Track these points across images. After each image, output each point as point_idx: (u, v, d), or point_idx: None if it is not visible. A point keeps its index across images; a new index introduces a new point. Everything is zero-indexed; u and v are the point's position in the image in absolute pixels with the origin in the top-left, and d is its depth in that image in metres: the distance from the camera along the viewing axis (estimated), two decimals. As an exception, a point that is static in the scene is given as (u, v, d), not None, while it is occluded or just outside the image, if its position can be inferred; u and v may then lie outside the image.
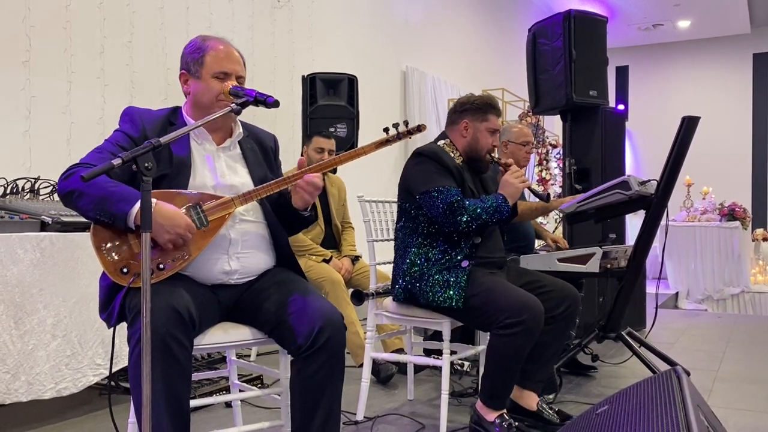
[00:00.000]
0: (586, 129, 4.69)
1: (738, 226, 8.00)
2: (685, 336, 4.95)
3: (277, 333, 1.89)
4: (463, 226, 2.48)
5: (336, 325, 1.82)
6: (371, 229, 2.93)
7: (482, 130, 2.66)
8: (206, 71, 1.94)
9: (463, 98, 2.74)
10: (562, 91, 4.48)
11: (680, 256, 8.20)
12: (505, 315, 2.32)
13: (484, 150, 2.67)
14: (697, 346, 4.56)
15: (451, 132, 2.72)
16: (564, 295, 2.61)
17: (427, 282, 2.51)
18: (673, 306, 7.82)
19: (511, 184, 2.54)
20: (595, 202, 3.10)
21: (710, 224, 8.11)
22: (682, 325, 5.45)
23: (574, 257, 3.09)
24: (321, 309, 1.83)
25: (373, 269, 2.92)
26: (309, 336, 1.78)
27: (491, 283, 2.45)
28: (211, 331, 1.88)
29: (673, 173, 3.13)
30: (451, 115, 2.75)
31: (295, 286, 1.93)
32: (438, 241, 2.57)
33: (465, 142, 2.68)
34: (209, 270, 1.89)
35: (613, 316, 3.35)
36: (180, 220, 1.75)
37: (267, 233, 2.02)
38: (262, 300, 1.92)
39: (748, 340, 4.84)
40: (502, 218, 2.51)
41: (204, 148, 1.98)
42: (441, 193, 2.48)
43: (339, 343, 1.82)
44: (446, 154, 2.62)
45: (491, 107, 2.68)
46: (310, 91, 4.66)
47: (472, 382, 3.28)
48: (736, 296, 7.99)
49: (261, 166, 2.07)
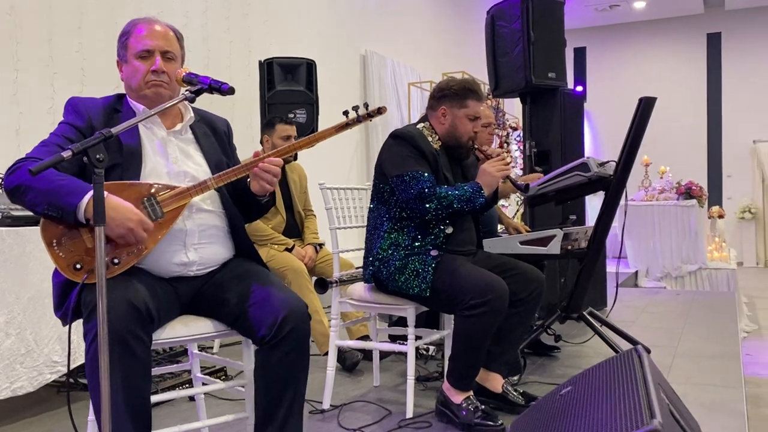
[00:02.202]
0: (545, 111, 4.74)
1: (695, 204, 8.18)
2: (645, 314, 5.07)
3: (239, 324, 1.87)
4: (432, 213, 2.47)
5: (300, 315, 1.81)
6: (333, 216, 2.91)
7: (461, 116, 2.63)
8: (130, 53, 1.92)
9: (441, 83, 2.71)
10: (522, 73, 4.51)
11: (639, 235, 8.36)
12: (470, 296, 2.33)
13: (464, 137, 2.64)
14: (657, 323, 4.67)
15: (431, 117, 2.71)
16: (530, 278, 2.64)
17: (395, 269, 2.51)
18: (633, 284, 7.99)
19: (488, 173, 2.53)
20: (555, 184, 3.13)
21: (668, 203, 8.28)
22: (642, 303, 5.57)
23: (536, 239, 3.12)
24: (284, 299, 1.81)
25: (336, 257, 2.91)
26: (272, 326, 1.76)
27: (455, 265, 2.46)
28: (171, 325, 1.85)
29: (631, 154, 3.18)
30: (430, 100, 2.72)
31: (257, 276, 1.91)
32: (409, 227, 2.57)
33: (444, 129, 2.66)
34: (166, 262, 1.86)
35: (574, 296, 3.41)
36: (131, 214, 1.70)
37: (225, 223, 2.00)
38: (223, 291, 1.90)
39: (706, 315, 4.98)
40: (476, 208, 2.50)
41: (154, 133, 1.94)
42: (413, 179, 2.47)
43: (303, 333, 1.81)
44: (423, 139, 2.60)
45: (470, 92, 2.63)
46: (267, 77, 4.60)
47: (438, 366, 3.30)
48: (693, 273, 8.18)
49: (215, 151, 2.04)
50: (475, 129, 2.66)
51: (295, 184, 3.78)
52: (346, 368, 3.35)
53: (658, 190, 8.59)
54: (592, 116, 12.92)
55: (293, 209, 3.76)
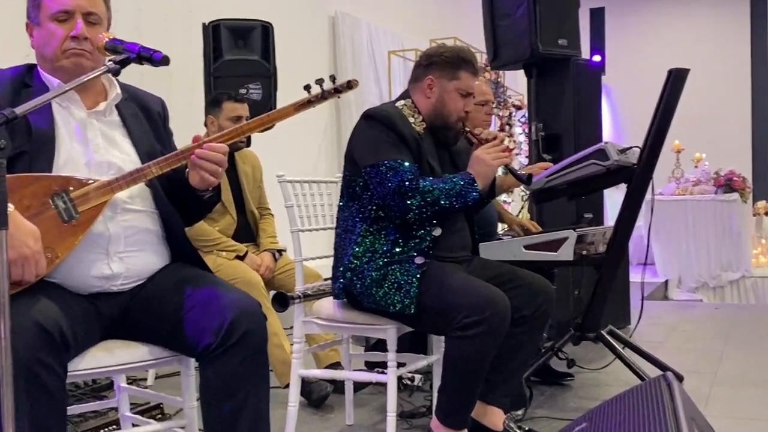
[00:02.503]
0: (555, 86, 4.76)
1: (736, 198, 8.27)
2: (677, 333, 5.11)
3: (176, 338, 1.86)
4: (415, 211, 2.47)
5: (253, 315, 1.82)
6: (296, 216, 2.90)
7: (450, 90, 2.65)
8: (44, 14, 1.90)
9: (431, 49, 2.73)
10: (526, 40, 4.52)
11: (669, 237, 8.44)
12: (464, 313, 2.33)
13: (453, 116, 2.65)
14: (692, 344, 4.71)
15: (414, 91, 2.71)
16: (536, 290, 2.65)
17: (371, 281, 2.51)
18: (662, 297, 8.07)
19: (482, 161, 2.53)
20: (566, 175, 3.15)
21: (704, 197, 8.37)
22: (673, 320, 5.63)
23: (544, 243, 3.13)
24: (232, 298, 1.82)
25: (299, 266, 2.90)
26: (219, 331, 1.77)
27: (446, 275, 2.46)
28: (92, 352, 1.84)
29: (659, 138, 3.20)
30: (414, 70, 2.74)
31: (197, 279, 1.92)
32: (388, 229, 2.57)
33: (429, 104, 2.67)
34: (84, 275, 1.85)
35: (591, 312, 3.42)
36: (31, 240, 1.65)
37: (159, 225, 1.99)
38: (156, 306, 1.89)
39: (751, 334, 5.03)
40: (468, 204, 2.50)
41: (71, 114, 1.93)
42: (390, 169, 2.47)
43: (259, 336, 1.82)
44: (403, 119, 2.60)
45: (464, 62, 2.65)
46: (213, 43, 4.57)
47: (425, 400, 3.30)
48: (735, 282, 8.29)
49: (147, 137, 2.03)
50: (466, 107, 2.67)
51: (247, 177, 3.77)
52: (313, 403, 3.34)
53: (693, 182, 8.67)
54: (612, 92, 13.01)
55: (245, 208, 3.74)
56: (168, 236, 2.01)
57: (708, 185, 8.55)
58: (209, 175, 1.90)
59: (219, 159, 1.89)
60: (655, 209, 6.32)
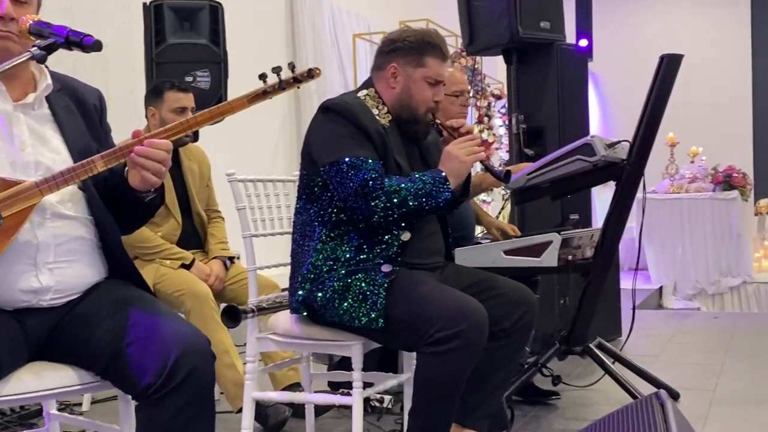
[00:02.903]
0: (537, 74, 4.78)
1: (736, 196, 8.38)
2: (672, 345, 5.16)
3: (113, 372, 1.85)
4: (380, 214, 2.47)
5: (200, 354, 1.80)
6: (248, 220, 2.89)
7: (417, 79, 2.65)
8: None
9: (393, 33, 2.72)
10: (505, 22, 4.54)
11: (663, 239, 8.53)
12: (437, 326, 2.33)
13: (420, 107, 2.65)
14: (689, 357, 4.76)
15: (377, 80, 2.71)
16: (517, 299, 2.66)
17: (333, 292, 2.51)
18: (656, 306, 8.15)
19: (454, 157, 2.53)
20: (550, 172, 3.17)
21: (701, 195, 8.47)
22: (668, 331, 5.68)
23: (525, 248, 3.15)
24: (177, 333, 1.81)
25: (253, 276, 2.89)
26: (161, 371, 1.75)
27: (416, 284, 2.46)
28: (17, 375, 1.82)
29: (650, 130, 3.24)
30: (376, 57, 2.73)
31: (139, 303, 1.90)
32: (351, 234, 2.56)
33: (394, 95, 2.67)
34: (9, 288, 1.83)
35: (578, 323, 3.45)
36: None
37: (93, 233, 1.97)
38: (91, 327, 1.87)
39: (754, 346, 5.10)
40: (440, 205, 2.51)
41: None
42: (352, 167, 2.47)
43: (205, 379, 1.80)
44: (366, 112, 2.60)
45: (431, 46, 2.65)
46: (155, 25, 4.52)
47: (396, 423, 3.31)
48: (736, 289, 8.39)
49: (81, 133, 2.02)
50: (436, 97, 2.67)
51: (193, 175, 3.74)
52: (269, 429, 3.32)
53: (688, 179, 8.77)
54: (601, 81, 13.12)
55: (191, 210, 3.71)
56: (104, 246, 1.99)
57: (705, 182, 8.64)
58: (151, 174, 1.88)
59: (162, 157, 1.87)
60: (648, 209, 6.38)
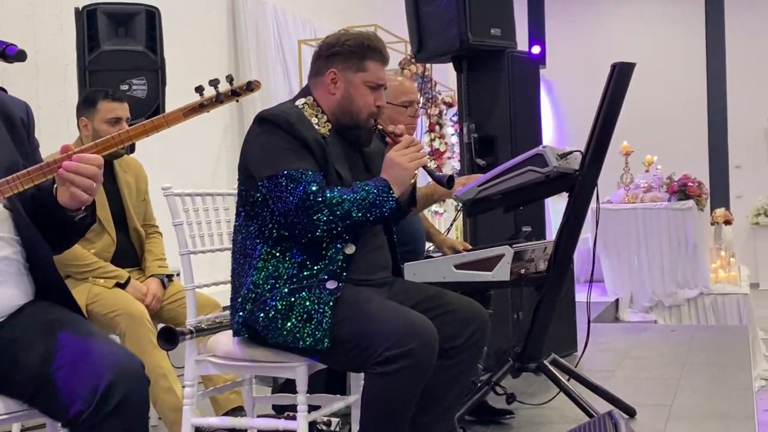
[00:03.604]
0: (488, 81, 4.82)
1: (692, 206, 8.50)
2: (629, 359, 5.22)
3: (41, 399, 1.82)
4: (322, 227, 2.46)
5: (134, 378, 1.79)
6: (186, 236, 2.87)
7: (358, 84, 2.65)
8: None
9: (330, 37, 2.71)
10: (454, 29, 4.57)
11: (619, 250, 8.63)
12: (384, 345, 2.33)
13: (362, 112, 2.66)
14: (646, 372, 4.82)
15: (316, 87, 2.71)
16: (468, 316, 2.66)
17: (276, 312, 2.49)
18: (612, 319, 8.24)
19: (397, 165, 2.54)
20: (501, 183, 3.18)
21: (656, 205, 8.58)
22: (624, 345, 5.75)
23: (477, 262, 3.16)
24: (109, 356, 1.79)
25: (191, 295, 2.87)
26: (92, 398, 1.73)
27: (363, 301, 2.46)
28: (-64, 405, 1.79)
29: (603, 140, 3.28)
30: (314, 63, 2.73)
31: (69, 325, 1.88)
32: (293, 250, 2.55)
33: (334, 101, 2.67)
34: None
35: (532, 339, 3.47)
36: None
37: (20, 253, 1.96)
38: (17, 352, 1.85)
39: (711, 359, 5.17)
40: (385, 215, 2.51)
41: None
42: (292, 180, 2.46)
43: (139, 405, 1.80)
44: (304, 121, 2.60)
45: (371, 50, 2.66)
46: (88, 31, 4.48)
47: (344, 447, 3.29)
48: (693, 301, 8.52)
49: (7, 149, 2.00)
50: (377, 101, 2.68)
51: (129, 188, 3.70)
52: (210, 456, 3.29)
53: (643, 188, 8.89)
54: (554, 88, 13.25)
55: (127, 226, 3.67)
56: (31, 266, 1.97)
57: (660, 192, 8.76)
58: (81, 191, 1.85)
59: (92, 172, 1.84)
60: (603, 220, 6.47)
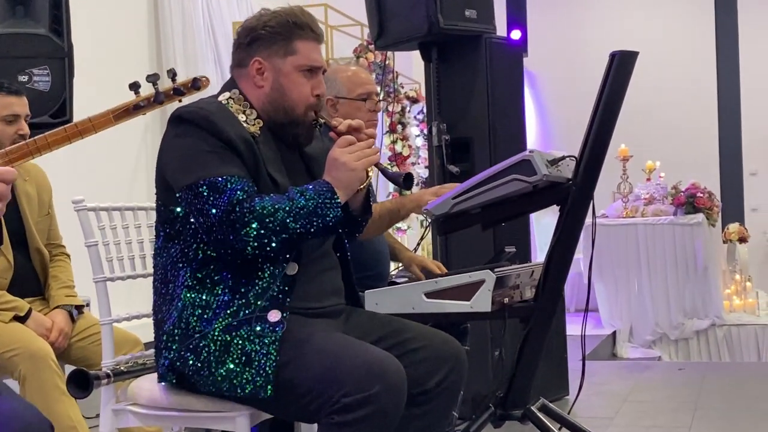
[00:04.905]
0: (462, 73, 4.84)
1: (702, 221, 8.57)
2: (629, 404, 5.24)
3: None
4: (253, 244, 2.44)
5: None
6: (102, 259, 2.87)
7: (289, 71, 2.64)
8: None
9: (249, 20, 2.69)
10: (422, 10, 4.58)
11: (616, 274, 8.68)
12: (343, 390, 2.34)
13: (298, 105, 2.65)
14: (650, 419, 4.84)
15: (241, 79, 2.71)
16: (442, 354, 2.67)
17: (208, 354, 2.47)
18: (609, 355, 8.28)
19: (342, 164, 2.52)
20: (480, 195, 3.18)
21: (660, 220, 8.65)
22: (625, 386, 5.77)
23: (452, 289, 3.15)
24: (9, 412, 1.80)
25: (107, 330, 2.87)
26: None
27: (314, 336, 2.46)
28: None
29: (601, 143, 3.29)
30: (235, 52, 2.72)
31: None
32: (222, 273, 2.53)
33: (262, 95, 2.66)
34: None
35: (517, 381, 3.46)
36: None
37: None
38: None
39: (726, 403, 5.22)
40: (329, 225, 2.49)
41: None
42: (214, 189, 2.44)
43: None
44: (229, 118, 2.58)
45: (298, 27, 2.64)
46: (-20, 13, 4.47)
47: None
48: (703, 333, 8.58)
49: None
50: (315, 90, 2.66)
51: (30, 201, 3.67)
52: None
53: (644, 200, 8.95)
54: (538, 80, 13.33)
55: (28, 246, 3.66)
56: None
57: (664, 204, 8.82)
58: None
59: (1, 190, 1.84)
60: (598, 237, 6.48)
